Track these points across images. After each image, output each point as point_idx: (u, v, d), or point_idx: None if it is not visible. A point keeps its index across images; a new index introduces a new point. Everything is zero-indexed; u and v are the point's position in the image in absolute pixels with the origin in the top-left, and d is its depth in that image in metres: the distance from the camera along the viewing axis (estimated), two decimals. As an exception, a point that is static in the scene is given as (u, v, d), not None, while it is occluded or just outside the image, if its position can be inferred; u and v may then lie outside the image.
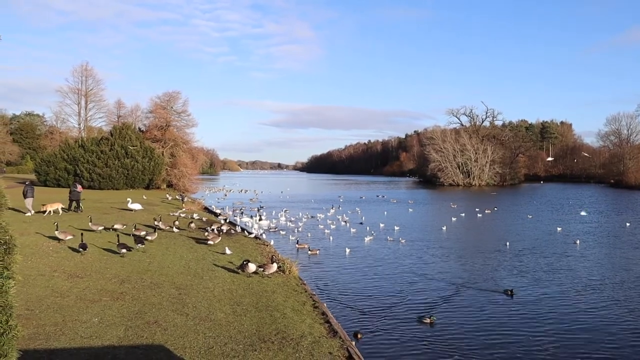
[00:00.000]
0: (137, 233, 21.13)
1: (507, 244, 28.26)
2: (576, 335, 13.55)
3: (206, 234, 23.98)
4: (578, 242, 29.44)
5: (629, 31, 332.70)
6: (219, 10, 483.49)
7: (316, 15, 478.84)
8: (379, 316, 14.87)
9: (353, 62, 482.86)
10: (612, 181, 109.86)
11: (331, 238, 29.37)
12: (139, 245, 18.79)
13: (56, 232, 18.76)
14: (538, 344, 12.85)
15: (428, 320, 14.36)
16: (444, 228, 35.82)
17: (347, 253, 24.99)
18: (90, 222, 22.21)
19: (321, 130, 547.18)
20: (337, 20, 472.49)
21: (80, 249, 17.17)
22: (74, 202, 29.58)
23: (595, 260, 24.31)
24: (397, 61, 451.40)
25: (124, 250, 17.47)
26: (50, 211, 26.99)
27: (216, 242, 22.03)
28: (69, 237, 18.59)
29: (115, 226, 22.83)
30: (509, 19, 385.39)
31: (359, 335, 12.80)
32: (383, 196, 74.16)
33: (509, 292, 17.57)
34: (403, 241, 29.30)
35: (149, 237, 21.33)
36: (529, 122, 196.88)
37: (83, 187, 34.71)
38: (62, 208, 28.10)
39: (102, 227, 22.04)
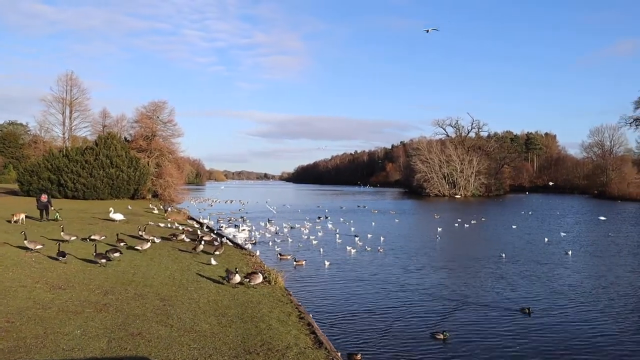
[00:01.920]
0: (118, 244, 21.04)
1: (503, 254, 28.19)
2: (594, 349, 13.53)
3: (200, 245, 23.68)
4: (570, 252, 29.55)
5: (613, 46, 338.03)
6: (208, 20, 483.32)
7: (305, 26, 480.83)
8: (377, 332, 14.62)
9: (341, 73, 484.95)
10: (595, 192, 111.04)
11: (321, 250, 29.25)
12: (116, 254, 18.49)
13: (25, 241, 18.50)
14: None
15: (441, 336, 13.83)
16: (433, 238, 35.92)
17: (326, 265, 24.82)
18: (62, 231, 21.83)
19: (308, 141, 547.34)
20: (326, 31, 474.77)
21: (60, 258, 17.01)
22: (43, 211, 29.41)
23: (599, 272, 24.44)
24: (386, 72, 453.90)
25: (103, 260, 17.29)
26: (20, 220, 26.62)
27: (220, 251, 22.27)
28: (39, 246, 18.36)
29: (93, 237, 22.50)
30: (495, 34, 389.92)
31: (358, 357, 12.00)
32: (364, 206, 74.31)
33: (527, 311, 16.58)
34: (390, 252, 29.34)
35: (138, 247, 21.37)
36: (514, 133, 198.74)
37: (66, 197, 34.35)
38: (26, 217, 27.81)
39: (75, 237, 21.60)
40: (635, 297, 19.16)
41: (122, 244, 21.63)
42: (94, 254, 17.54)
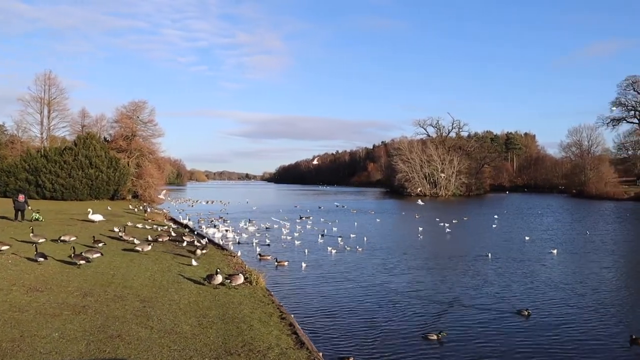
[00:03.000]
0: (94, 245, 20.80)
1: (489, 254, 28.26)
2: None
3: (202, 250, 23.48)
4: (555, 251, 29.85)
5: (591, 46, 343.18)
6: (189, 20, 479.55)
7: (287, 26, 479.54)
8: (361, 332, 14.59)
9: (323, 72, 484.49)
10: (574, 191, 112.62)
11: (305, 251, 29.22)
12: (96, 255, 18.26)
13: None
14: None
15: (435, 337, 13.69)
16: (415, 238, 36.10)
17: (308, 266, 24.79)
18: (32, 233, 21.41)
19: (291, 141, 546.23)
20: (308, 31, 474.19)
21: (39, 259, 16.81)
22: (19, 212, 29.01)
23: (580, 270, 24.80)
24: (367, 72, 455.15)
25: (82, 262, 17.07)
26: None
27: (202, 252, 22.14)
28: (5, 247, 18.08)
29: (63, 238, 22.10)
30: (475, 36, 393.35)
31: None
32: (343, 206, 74.50)
33: (526, 313, 16.27)
34: (372, 251, 29.43)
35: (139, 249, 21.35)
36: (494, 133, 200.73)
37: (44, 198, 33.89)
38: None
39: (44, 239, 21.21)
40: (615, 294, 19.47)
41: (101, 244, 21.37)
42: (72, 255, 17.32)
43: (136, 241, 23.04)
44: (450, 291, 19.81)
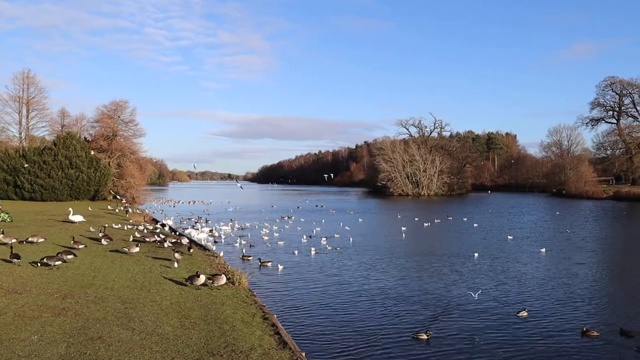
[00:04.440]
0: (75, 246, 20.54)
1: (474, 254, 28.32)
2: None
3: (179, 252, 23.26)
4: (539, 249, 30.25)
5: (572, 47, 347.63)
6: (172, 19, 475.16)
7: (271, 26, 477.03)
8: (344, 331, 14.65)
9: (307, 73, 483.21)
10: (554, 190, 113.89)
11: (290, 251, 29.18)
12: (69, 256, 18.00)
13: None
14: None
15: (425, 336, 13.79)
16: (399, 237, 36.24)
17: (291, 266, 24.79)
18: (2, 234, 21.04)
19: (274, 141, 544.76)
20: (292, 31, 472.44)
21: (14, 260, 16.61)
22: None
23: (564, 267, 25.12)
24: (351, 72, 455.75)
25: (58, 263, 16.80)
26: None
27: (180, 254, 21.78)
28: None
29: (30, 239, 21.68)
30: (457, 36, 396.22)
31: None
32: (322, 206, 74.63)
33: (524, 314, 16.18)
34: (356, 252, 29.53)
35: (126, 250, 21.23)
36: (476, 133, 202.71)
37: (23, 198, 33.46)
38: None
39: (15, 240, 20.82)
40: (595, 288, 19.77)
41: (81, 246, 21.11)
42: (46, 256, 17.06)
43: (124, 242, 22.89)
44: (434, 290, 19.93)
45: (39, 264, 16.81)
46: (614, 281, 22.80)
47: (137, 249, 21.71)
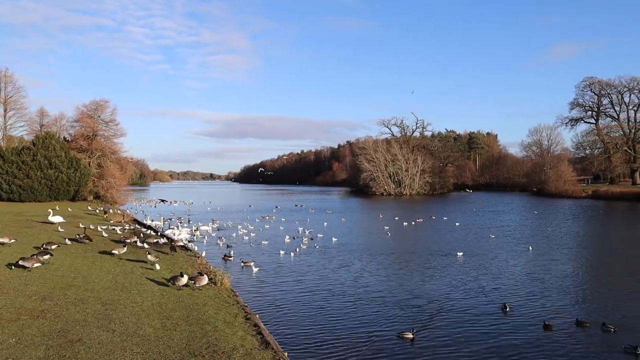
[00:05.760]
0: (47, 247, 20.20)
1: (458, 253, 28.50)
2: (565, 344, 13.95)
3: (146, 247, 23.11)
4: (532, 247, 30.67)
5: (551, 49, 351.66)
6: (154, 17, 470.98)
7: (254, 25, 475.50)
8: (327, 331, 14.68)
9: (290, 72, 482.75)
10: (534, 189, 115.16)
11: (273, 251, 29.12)
12: (45, 256, 17.76)
13: None
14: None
15: (410, 335, 13.89)
16: (382, 237, 36.33)
17: (273, 266, 24.77)
18: None
19: (257, 140, 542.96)
20: (275, 30, 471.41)
21: None
22: None
23: (545, 264, 25.38)
24: (335, 72, 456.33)
25: (37, 264, 16.51)
26: None
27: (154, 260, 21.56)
28: None
29: (0, 240, 21.38)
30: (439, 36, 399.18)
31: None
32: (301, 205, 74.70)
33: (504, 307, 16.87)
34: (339, 251, 29.57)
35: (115, 252, 20.94)
36: (457, 132, 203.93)
37: (1, 199, 32.89)
38: None
39: None
40: (571, 284, 20.04)
41: (54, 246, 20.76)
42: (22, 258, 16.78)
43: (104, 244, 22.59)
44: (417, 288, 20.05)
45: (12, 267, 16.53)
46: (590, 277, 23.38)
47: (124, 250, 21.49)
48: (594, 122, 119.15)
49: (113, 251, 21.17)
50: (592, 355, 12.98)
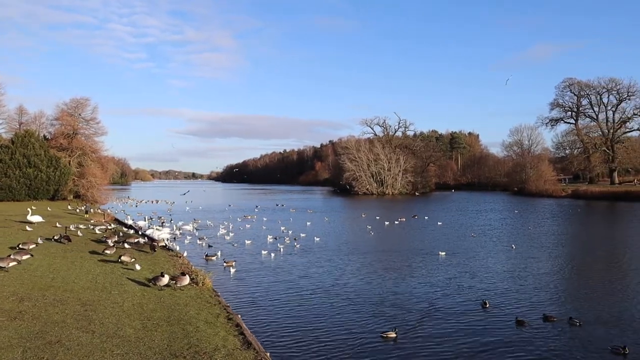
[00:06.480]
0: (23, 247, 19.90)
1: (441, 253, 28.50)
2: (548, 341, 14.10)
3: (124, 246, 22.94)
4: (514, 246, 30.92)
5: (531, 50, 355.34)
6: (137, 15, 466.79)
7: (238, 24, 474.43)
8: (309, 330, 14.69)
9: (274, 71, 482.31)
10: (515, 189, 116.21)
11: (255, 251, 29.03)
12: (25, 256, 17.50)
13: None
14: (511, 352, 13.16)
15: (393, 334, 13.96)
16: (366, 235, 36.40)
17: (256, 265, 24.72)
18: None
19: (240, 140, 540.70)
20: (259, 29, 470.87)
21: None
22: None
23: (527, 262, 25.61)
24: (319, 71, 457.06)
25: (13, 264, 16.25)
26: None
27: (131, 260, 21.29)
28: None
29: None
30: (421, 36, 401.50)
31: None
32: (282, 205, 74.71)
33: (484, 304, 17.21)
34: (321, 251, 29.58)
35: (107, 252, 20.89)
36: (439, 132, 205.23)
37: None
38: None
39: None
40: (553, 281, 20.28)
41: (32, 246, 20.45)
42: None
43: (84, 244, 22.29)
44: (400, 287, 20.12)
45: (6, 267, 16.24)
46: (568, 274, 23.66)
47: (114, 250, 21.33)
48: (574, 122, 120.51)
49: (106, 251, 21.02)
50: (561, 349, 13.25)
